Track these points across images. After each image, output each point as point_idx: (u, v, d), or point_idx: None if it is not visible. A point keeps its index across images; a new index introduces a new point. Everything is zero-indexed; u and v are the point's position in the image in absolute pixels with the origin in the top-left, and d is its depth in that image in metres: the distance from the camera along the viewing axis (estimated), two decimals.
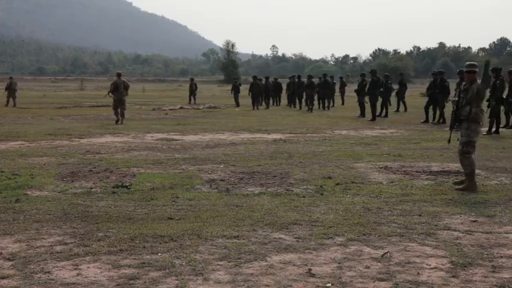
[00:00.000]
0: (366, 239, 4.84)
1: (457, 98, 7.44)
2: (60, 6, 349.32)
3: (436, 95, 17.32)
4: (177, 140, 12.74)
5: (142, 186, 7.23)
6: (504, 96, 14.44)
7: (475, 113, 7.13)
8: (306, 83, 25.59)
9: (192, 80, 32.10)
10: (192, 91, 30.31)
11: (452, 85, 16.66)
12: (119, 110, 17.38)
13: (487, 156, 9.97)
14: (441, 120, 17.27)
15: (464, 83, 7.46)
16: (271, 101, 29.32)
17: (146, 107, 26.42)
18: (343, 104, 29.30)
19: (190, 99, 30.00)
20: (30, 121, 17.89)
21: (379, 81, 19.75)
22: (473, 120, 7.14)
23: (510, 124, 15.44)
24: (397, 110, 22.73)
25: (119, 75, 18.53)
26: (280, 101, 29.84)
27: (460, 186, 7.14)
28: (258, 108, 26.20)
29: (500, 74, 14.52)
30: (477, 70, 7.21)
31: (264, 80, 29.23)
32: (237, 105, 27.84)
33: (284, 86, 29.98)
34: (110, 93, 17.96)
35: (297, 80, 28.14)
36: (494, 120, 14.16)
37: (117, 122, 17.19)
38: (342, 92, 31.02)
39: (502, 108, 14.61)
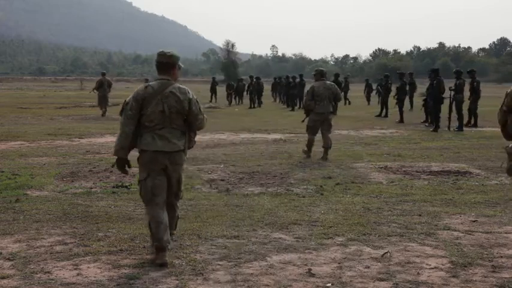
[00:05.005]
0: (366, 239, 4.84)
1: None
2: (60, 6, 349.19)
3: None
4: None
5: None
6: (443, 96, 15.42)
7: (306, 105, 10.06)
8: (290, 84, 27.82)
9: (146, 80, 34.68)
10: None
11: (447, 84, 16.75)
12: (103, 104, 20.12)
13: (487, 156, 9.98)
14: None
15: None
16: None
17: None
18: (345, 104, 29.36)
19: None
20: (30, 121, 17.88)
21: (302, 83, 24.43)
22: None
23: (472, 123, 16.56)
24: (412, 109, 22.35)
25: (103, 74, 21.67)
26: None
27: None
28: (242, 103, 30.63)
29: (438, 74, 15.60)
30: None
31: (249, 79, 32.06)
32: (229, 103, 30.39)
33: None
34: (95, 90, 20.78)
35: (278, 80, 32.08)
36: (447, 118, 15.16)
37: (103, 115, 19.67)
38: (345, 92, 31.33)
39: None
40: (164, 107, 4.17)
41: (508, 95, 4.39)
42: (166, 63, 4.30)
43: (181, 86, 4.30)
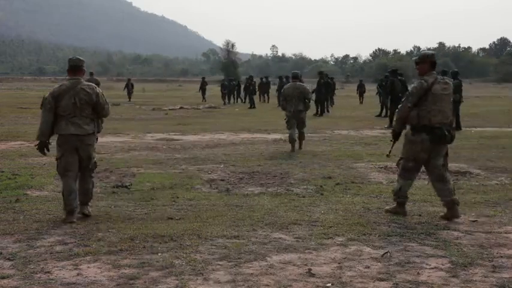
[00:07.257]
0: (366, 239, 4.84)
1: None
2: (60, 6, 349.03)
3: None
4: (177, 140, 12.74)
5: (142, 186, 7.23)
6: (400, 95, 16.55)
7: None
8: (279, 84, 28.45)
9: (129, 80, 35.41)
10: (129, 90, 33.35)
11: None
12: None
13: (487, 156, 9.97)
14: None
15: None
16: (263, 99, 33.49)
17: (146, 107, 26.42)
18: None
19: (130, 98, 32.66)
20: (30, 121, 17.88)
21: (282, 83, 25.66)
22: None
23: None
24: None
25: (91, 74, 22.41)
26: (269, 99, 32.97)
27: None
28: (229, 103, 31.28)
29: (396, 75, 16.71)
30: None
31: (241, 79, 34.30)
32: (224, 103, 30.91)
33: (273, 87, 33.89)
34: None
35: (265, 81, 33.56)
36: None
37: None
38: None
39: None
40: (76, 99, 5.42)
41: (414, 94, 5.47)
42: (77, 66, 5.62)
43: (89, 83, 5.62)
